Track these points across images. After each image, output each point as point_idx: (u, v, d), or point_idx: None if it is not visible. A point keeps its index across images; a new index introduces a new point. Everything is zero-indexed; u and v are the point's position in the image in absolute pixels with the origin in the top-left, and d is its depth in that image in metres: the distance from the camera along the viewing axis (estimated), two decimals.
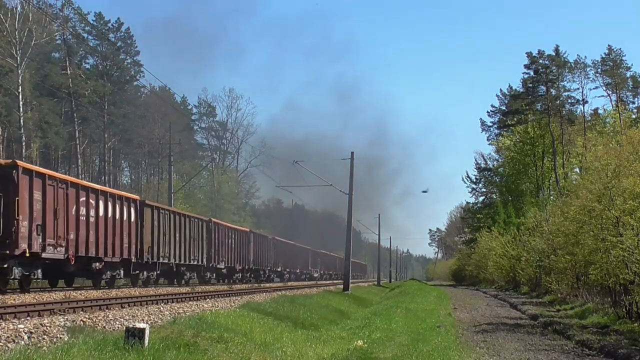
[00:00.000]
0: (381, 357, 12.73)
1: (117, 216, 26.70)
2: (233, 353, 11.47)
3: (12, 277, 20.36)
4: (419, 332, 17.03)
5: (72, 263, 23.10)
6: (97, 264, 25.11)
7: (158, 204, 36.00)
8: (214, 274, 39.28)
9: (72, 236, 23.03)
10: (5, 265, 19.57)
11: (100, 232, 25.11)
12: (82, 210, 23.74)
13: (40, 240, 20.89)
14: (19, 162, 20.58)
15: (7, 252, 19.47)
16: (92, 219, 24.41)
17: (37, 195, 20.82)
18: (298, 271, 65.98)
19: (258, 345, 13.07)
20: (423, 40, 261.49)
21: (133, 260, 28.16)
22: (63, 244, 22.34)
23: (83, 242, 23.76)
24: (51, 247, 21.61)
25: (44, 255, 21.20)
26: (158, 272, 31.59)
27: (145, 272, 30.46)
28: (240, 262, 44.02)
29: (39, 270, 21.57)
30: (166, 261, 32.02)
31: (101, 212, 25.22)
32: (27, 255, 20.17)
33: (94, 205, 24.66)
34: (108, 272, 26.51)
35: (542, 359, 13.17)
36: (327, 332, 18.70)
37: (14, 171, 19.73)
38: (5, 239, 19.35)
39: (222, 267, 39.86)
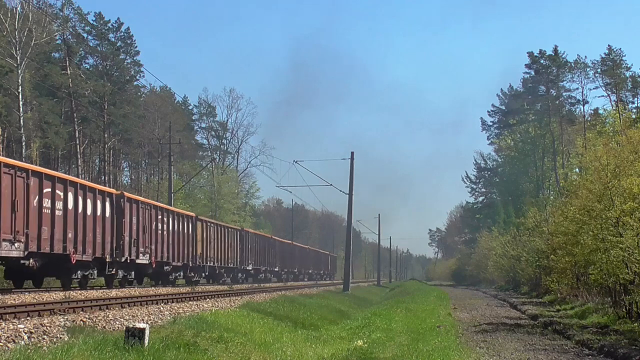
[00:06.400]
0: (381, 357, 12.74)
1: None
2: (233, 353, 11.49)
3: None
4: (419, 332, 17.03)
5: None
6: None
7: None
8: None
9: None
10: None
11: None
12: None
13: None
14: None
15: None
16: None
17: None
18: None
19: (258, 345, 13.08)
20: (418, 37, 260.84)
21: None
22: None
23: None
24: None
25: None
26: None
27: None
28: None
29: None
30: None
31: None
32: None
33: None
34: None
35: (542, 359, 13.17)
36: (327, 332, 18.72)
37: None
38: None
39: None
